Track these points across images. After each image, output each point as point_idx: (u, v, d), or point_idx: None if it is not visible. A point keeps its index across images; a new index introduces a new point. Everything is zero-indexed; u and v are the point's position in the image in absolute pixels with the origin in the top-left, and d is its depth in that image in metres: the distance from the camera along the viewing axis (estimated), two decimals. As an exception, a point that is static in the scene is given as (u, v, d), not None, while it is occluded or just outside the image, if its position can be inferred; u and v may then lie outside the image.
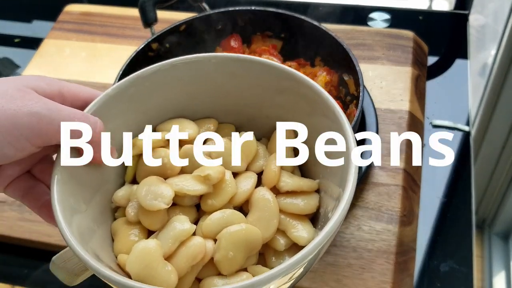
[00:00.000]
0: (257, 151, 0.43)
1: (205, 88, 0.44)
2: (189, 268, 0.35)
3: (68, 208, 0.36)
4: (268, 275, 0.30)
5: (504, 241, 1.27)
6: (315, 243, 0.32)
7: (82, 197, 0.38)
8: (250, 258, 0.37)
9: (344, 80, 0.67)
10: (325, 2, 0.92)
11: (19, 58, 0.90)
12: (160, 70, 0.42)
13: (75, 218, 0.36)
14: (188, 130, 0.42)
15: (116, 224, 0.40)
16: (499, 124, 1.09)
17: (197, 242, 0.35)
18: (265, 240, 0.37)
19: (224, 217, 0.37)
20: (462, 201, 0.66)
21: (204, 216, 0.39)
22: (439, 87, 0.78)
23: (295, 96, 0.42)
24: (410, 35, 0.81)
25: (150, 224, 0.37)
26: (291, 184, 0.39)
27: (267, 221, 0.37)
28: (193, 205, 0.39)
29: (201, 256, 0.35)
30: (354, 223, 0.61)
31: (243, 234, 0.35)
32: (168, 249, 0.35)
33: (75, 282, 0.40)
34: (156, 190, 0.37)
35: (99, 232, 0.38)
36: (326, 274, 0.57)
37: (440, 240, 0.63)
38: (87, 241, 0.36)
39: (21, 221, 0.65)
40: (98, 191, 0.40)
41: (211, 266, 0.36)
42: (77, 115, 0.35)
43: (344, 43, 0.66)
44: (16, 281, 0.63)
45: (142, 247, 0.34)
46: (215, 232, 0.36)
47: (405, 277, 0.58)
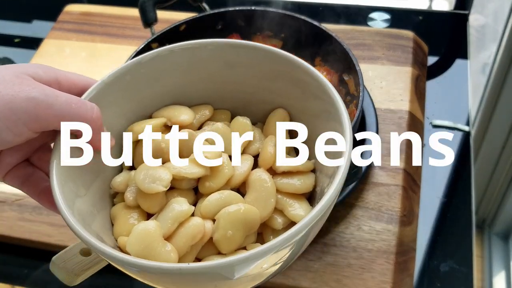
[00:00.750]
0: (253, 135, 0.44)
1: (201, 75, 0.44)
2: (188, 248, 0.36)
3: (68, 192, 0.36)
4: (264, 248, 0.31)
5: (504, 241, 1.27)
6: (310, 217, 0.32)
7: (81, 182, 0.38)
8: (248, 237, 0.38)
9: (344, 80, 0.67)
10: (325, 2, 0.92)
11: (19, 58, 0.90)
12: (158, 56, 0.42)
13: (76, 203, 0.36)
14: (184, 115, 0.43)
15: (115, 209, 0.40)
16: (499, 124, 1.09)
17: (196, 222, 0.36)
18: (263, 219, 0.38)
19: (222, 198, 0.37)
20: (462, 201, 0.66)
21: (202, 198, 0.39)
22: (439, 87, 0.78)
23: (289, 80, 0.42)
24: (410, 35, 0.81)
25: (149, 207, 0.38)
26: (287, 165, 0.40)
27: (265, 201, 0.38)
28: (191, 188, 0.40)
29: (200, 236, 0.36)
30: (354, 223, 0.61)
31: (241, 214, 0.36)
32: (168, 230, 0.35)
33: (75, 282, 0.40)
34: (154, 174, 0.37)
35: (99, 217, 0.39)
36: (326, 274, 0.57)
37: (440, 240, 0.63)
38: (89, 224, 0.36)
39: (21, 221, 0.65)
40: (97, 177, 0.40)
41: (210, 246, 0.37)
42: (73, 100, 0.35)
43: (344, 43, 0.66)
44: (16, 281, 0.63)
45: (142, 228, 0.35)
46: (213, 213, 0.37)
47: (405, 277, 0.58)
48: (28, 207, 0.66)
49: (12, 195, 0.67)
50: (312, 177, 0.41)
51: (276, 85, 0.43)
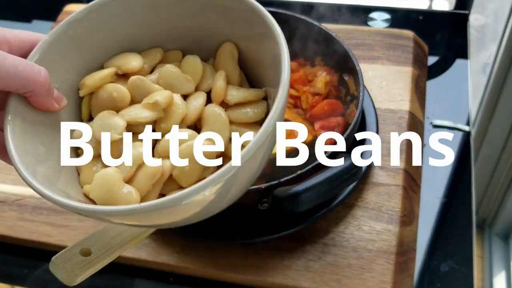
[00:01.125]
0: (204, 72, 0.44)
1: (145, 17, 0.45)
2: (150, 187, 0.38)
3: (26, 153, 0.37)
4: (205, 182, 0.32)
5: (504, 241, 1.27)
6: (252, 143, 0.34)
7: (40, 140, 0.39)
8: (207, 168, 0.39)
9: (344, 80, 0.67)
10: (325, 2, 0.92)
11: (19, 58, 0.90)
12: (95, 8, 0.43)
13: (37, 163, 0.37)
14: (133, 62, 0.44)
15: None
16: (500, 124, 1.09)
17: (153, 163, 0.38)
18: (222, 149, 0.40)
19: (177, 136, 0.39)
20: (462, 201, 0.66)
21: (160, 140, 0.41)
22: (439, 87, 0.78)
23: (218, 10, 0.43)
24: (410, 35, 0.81)
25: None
26: (238, 96, 0.42)
27: (220, 133, 0.40)
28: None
29: (159, 175, 0.38)
30: (354, 223, 0.61)
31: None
32: (128, 173, 0.38)
33: (75, 282, 0.40)
34: (110, 123, 0.39)
35: (65, 170, 0.40)
36: (326, 274, 0.57)
37: (440, 240, 0.63)
38: (55, 182, 0.37)
39: (20, 221, 0.65)
40: (55, 132, 0.41)
41: (172, 182, 0.39)
42: (21, 63, 0.36)
43: (344, 43, 0.66)
44: (15, 281, 0.63)
45: (102, 173, 0.37)
46: (169, 151, 0.39)
47: (405, 277, 0.58)
48: (28, 207, 0.66)
49: (12, 195, 0.67)
50: (263, 104, 0.43)
51: (216, 16, 0.44)
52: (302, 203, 0.52)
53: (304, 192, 0.51)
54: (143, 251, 0.61)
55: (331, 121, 0.65)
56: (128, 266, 0.62)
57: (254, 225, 0.59)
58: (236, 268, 0.59)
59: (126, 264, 0.62)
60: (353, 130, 0.60)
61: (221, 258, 0.60)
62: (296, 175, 0.55)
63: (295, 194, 0.51)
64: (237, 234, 0.59)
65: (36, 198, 0.67)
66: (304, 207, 0.52)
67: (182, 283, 0.61)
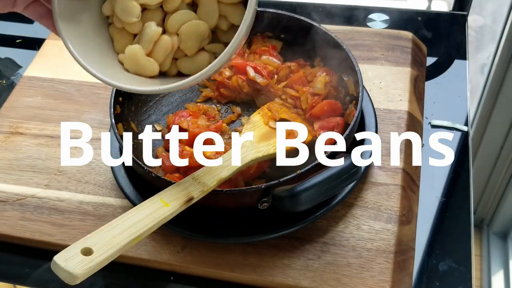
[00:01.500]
0: None
1: None
2: (165, 56, 0.51)
3: (69, 27, 0.48)
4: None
5: (502, 240, 1.28)
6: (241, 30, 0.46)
7: (80, 16, 0.50)
8: (205, 39, 0.51)
9: (343, 80, 0.68)
10: (325, 3, 0.92)
11: (20, 59, 0.91)
12: None
13: (78, 32, 0.49)
14: None
15: (111, 29, 0.53)
16: (498, 124, 1.09)
17: (166, 39, 0.51)
18: (213, 25, 0.51)
19: (181, 16, 0.51)
20: (461, 201, 0.66)
21: (168, 14, 0.51)
22: (438, 87, 0.79)
23: None
24: (409, 35, 0.81)
25: (132, 30, 0.52)
26: None
27: (211, 12, 0.51)
28: (158, 6, 0.51)
29: (170, 48, 0.51)
30: (353, 222, 0.61)
31: (195, 26, 0.50)
32: (147, 49, 0.51)
33: (76, 281, 0.40)
34: (127, 9, 0.50)
35: (100, 38, 0.52)
36: (326, 273, 0.58)
37: (439, 239, 0.63)
38: (92, 47, 0.50)
39: (22, 220, 0.65)
40: (89, 8, 0.51)
41: (180, 51, 0.52)
42: None
43: (343, 44, 0.66)
44: (17, 280, 0.64)
45: (131, 49, 0.50)
46: (176, 28, 0.51)
47: (404, 276, 0.59)
48: (30, 207, 0.66)
49: (13, 195, 0.68)
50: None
51: None
52: (301, 202, 0.52)
53: (304, 191, 0.51)
54: (144, 250, 0.61)
55: (330, 121, 0.65)
56: (129, 265, 0.62)
57: (254, 224, 0.59)
58: (236, 267, 0.59)
59: (127, 263, 0.62)
60: (352, 130, 0.60)
61: (221, 257, 0.60)
62: (296, 174, 0.55)
63: (295, 193, 0.51)
64: (237, 233, 0.59)
65: (37, 198, 0.67)
66: (304, 207, 0.53)
67: (182, 282, 0.61)
